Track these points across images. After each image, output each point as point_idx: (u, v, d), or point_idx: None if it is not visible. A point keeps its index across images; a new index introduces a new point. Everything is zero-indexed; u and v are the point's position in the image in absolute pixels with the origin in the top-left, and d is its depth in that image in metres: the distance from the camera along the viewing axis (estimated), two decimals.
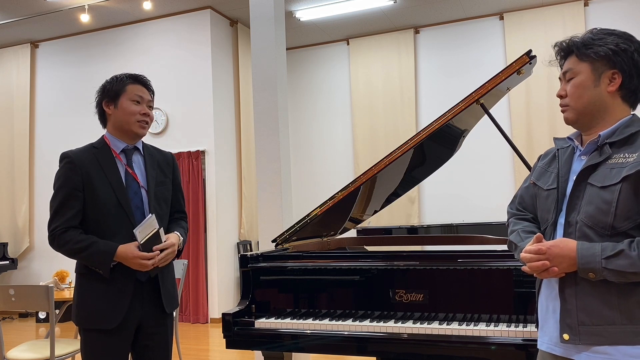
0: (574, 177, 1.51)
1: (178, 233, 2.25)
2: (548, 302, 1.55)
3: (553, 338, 1.51)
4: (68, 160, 2.11)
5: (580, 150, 1.55)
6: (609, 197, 1.41)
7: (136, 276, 2.11)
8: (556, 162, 1.61)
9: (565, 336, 1.46)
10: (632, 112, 1.53)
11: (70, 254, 2.08)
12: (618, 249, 1.37)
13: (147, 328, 2.16)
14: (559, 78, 1.60)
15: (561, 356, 1.49)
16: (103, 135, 2.23)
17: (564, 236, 1.50)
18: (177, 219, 2.35)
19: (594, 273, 1.39)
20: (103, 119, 2.23)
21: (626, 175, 1.40)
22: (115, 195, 2.10)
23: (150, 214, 2.13)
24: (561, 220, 1.52)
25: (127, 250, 2.05)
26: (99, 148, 2.17)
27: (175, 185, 2.34)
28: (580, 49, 1.52)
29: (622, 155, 1.44)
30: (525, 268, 1.51)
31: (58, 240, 2.07)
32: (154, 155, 2.29)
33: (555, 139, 1.66)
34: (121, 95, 2.17)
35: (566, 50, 1.56)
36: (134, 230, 2.07)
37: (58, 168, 2.14)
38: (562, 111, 1.57)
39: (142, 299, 2.14)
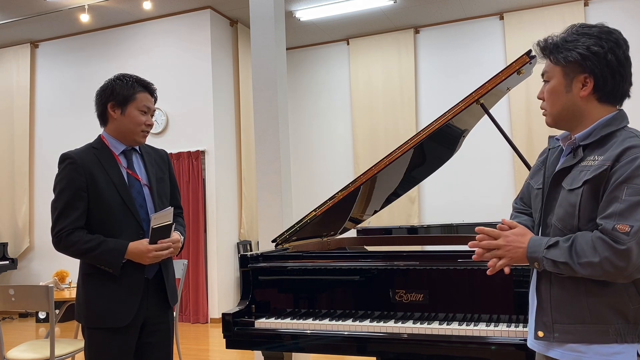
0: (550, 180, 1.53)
1: (179, 232, 2.27)
2: (532, 301, 1.58)
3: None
4: (71, 161, 2.09)
5: (564, 151, 1.55)
6: (574, 200, 1.43)
7: (144, 274, 2.12)
8: (546, 162, 1.61)
9: (540, 333, 1.48)
10: (618, 108, 1.49)
11: (78, 255, 2.07)
12: (556, 240, 1.41)
13: (150, 325, 2.17)
14: (541, 75, 1.56)
15: (541, 353, 1.52)
16: (100, 135, 2.22)
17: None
18: (175, 215, 2.35)
19: (538, 262, 1.43)
20: (104, 119, 2.21)
21: (587, 179, 1.40)
22: (119, 195, 2.11)
23: (169, 207, 2.15)
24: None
25: (139, 245, 2.06)
26: (99, 149, 2.16)
27: (171, 181, 2.35)
28: (552, 52, 1.48)
29: (592, 158, 1.43)
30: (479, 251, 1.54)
31: (65, 241, 2.05)
32: (150, 154, 2.30)
33: (550, 137, 1.65)
34: (130, 103, 2.15)
35: (543, 51, 1.52)
36: (150, 215, 2.09)
37: (59, 169, 2.13)
38: (543, 114, 1.55)
39: (149, 295, 2.15)
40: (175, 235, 2.20)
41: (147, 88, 2.21)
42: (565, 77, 1.47)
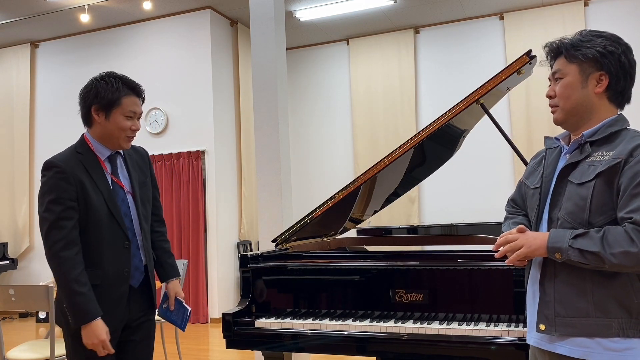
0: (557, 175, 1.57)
1: (176, 279, 2.31)
2: (534, 297, 1.59)
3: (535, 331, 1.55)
4: (58, 169, 1.98)
5: (566, 150, 1.59)
6: (584, 193, 1.46)
7: (130, 283, 2.08)
8: (544, 162, 1.66)
9: (542, 326, 1.51)
10: (619, 112, 1.57)
11: (58, 277, 1.94)
12: (586, 230, 1.43)
13: (132, 322, 2.13)
14: (549, 78, 1.63)
15: (546, 350, 1.52)
16: (84, 136, 2.12)
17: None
18: (159, 236, 2.30)
19: (560, 252, 1.43)
20: (88, 121, 2.11)
21: (599, 172, 1.44)
22: (106, 205, 2.03)
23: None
24: (546, 217, 1.57)
25: (98, 330, 1.93)
26: (84, 154, 2.07)
27: (152, 182, 2.28)
28: (569, 51, 1.54)
29: (600, 153, 1.48)
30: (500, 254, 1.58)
31: (57, 257, 1.93)
32: (132, 156, 2.22)
33: (546, 138, 1.70)
34: (115, 108, 2.04)
35: (556, 51, 1.59)
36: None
37: (44, 177, 2.00)
38: (552, 112, 1.60)
39: (132, 301, 2.11)
40: (177, 289, 2.30)
41: (134, 90, 2.08)
42: (581, 73, 1.53)
